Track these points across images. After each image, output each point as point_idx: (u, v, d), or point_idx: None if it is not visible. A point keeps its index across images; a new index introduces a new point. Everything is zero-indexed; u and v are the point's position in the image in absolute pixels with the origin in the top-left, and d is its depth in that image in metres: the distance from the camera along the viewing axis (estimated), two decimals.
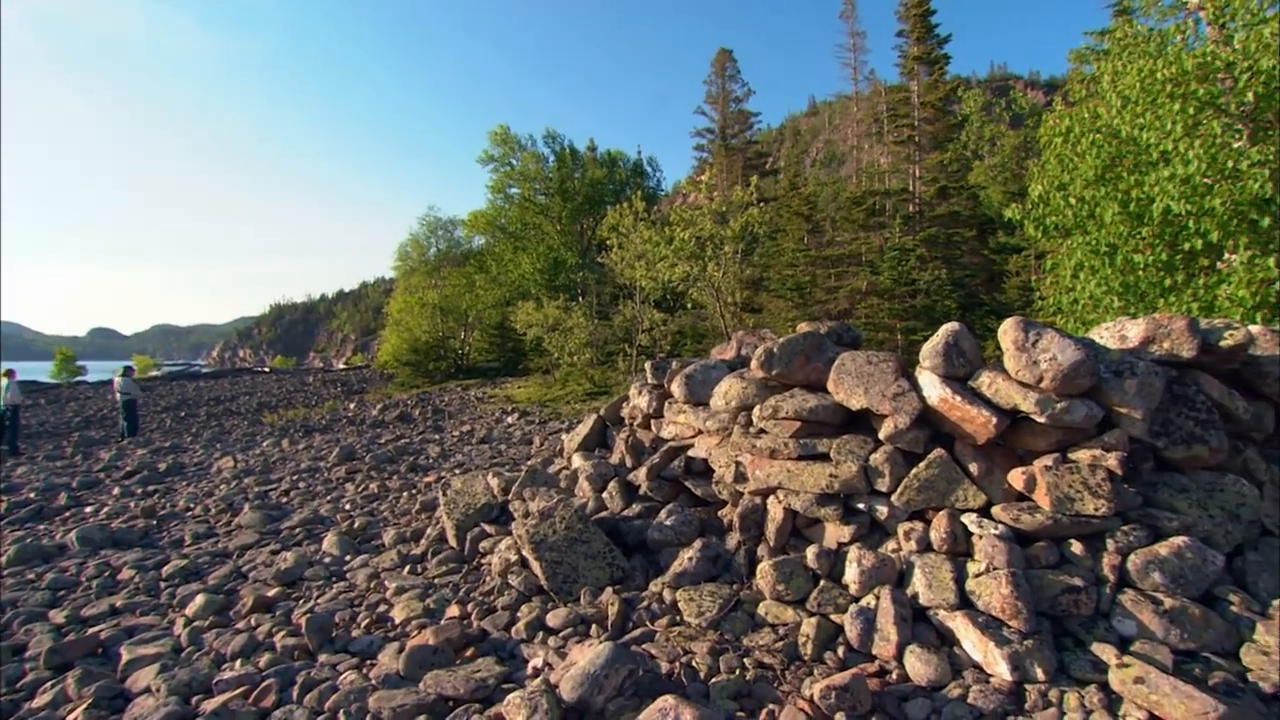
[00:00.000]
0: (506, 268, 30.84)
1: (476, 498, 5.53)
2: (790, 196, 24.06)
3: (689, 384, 5.07)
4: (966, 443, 3.64)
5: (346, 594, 4.53)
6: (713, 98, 37.34)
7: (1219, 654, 2.86)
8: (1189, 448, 3.58)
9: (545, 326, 19.92)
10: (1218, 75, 7.10)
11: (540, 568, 4.06)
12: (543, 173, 32.25)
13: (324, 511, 6.74)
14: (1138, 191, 7.70)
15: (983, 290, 18.70)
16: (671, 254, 15.10)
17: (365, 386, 29.28)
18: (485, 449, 10.10)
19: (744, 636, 3.35)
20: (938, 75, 23.08)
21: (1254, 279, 6.69)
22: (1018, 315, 3.72)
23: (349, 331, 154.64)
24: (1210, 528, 3.35)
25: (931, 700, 2.77)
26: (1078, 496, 3.29)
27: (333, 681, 3.32)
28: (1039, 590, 3.12)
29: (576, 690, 2.83)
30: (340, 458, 9.63)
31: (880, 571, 3.41)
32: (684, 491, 4.65)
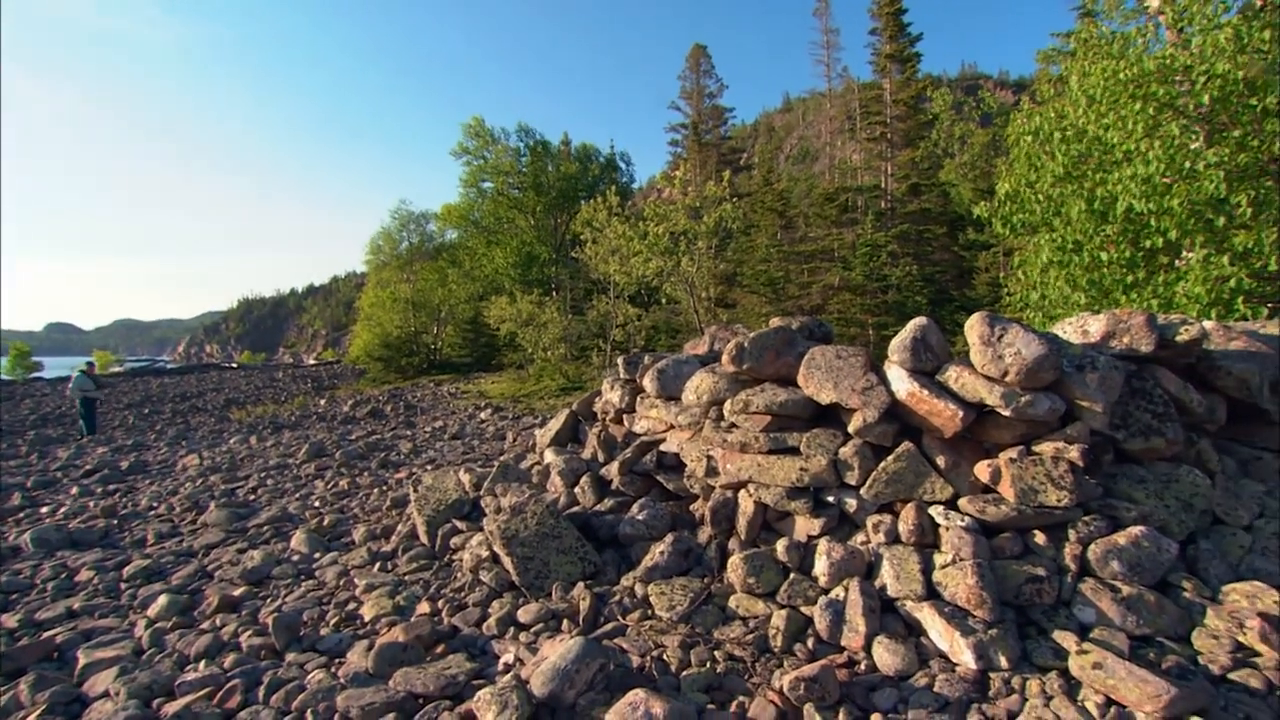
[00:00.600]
0: (480, 262, 30.61)
1: (448, 494, 5.49)
2: (764, 192, 24.18)
3: (661, 379, 5.08)
4: (934, 436, 3.69)
5: (315, 592, 4.47)
6: (687, 93, 37.41)
7: (1172, 638, 2.94)
8: (1147, 440, 3.67)
9: (519, 321, 19.80)
10: (1175, 78, 7.28)
11: (512, 563, 4.04)
12: (516, 167, 31.98)
13: (292, 509, 6.64)
14: (1102, 190, 7.87)
15: (953, 286, 18.97)
16: (645, 249, 15.09)
17: (336, 382, 28.87)
18: (458, 445, 10.02)
19: (715, 629, 3.37)
20: (910, 73, 23.33)
21: (1209, 277, 6.88)
22: (985, 310, 3.78)
23: (320, 326, 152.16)
24: (1166, 517, 3.44)
25: (899, 690, 2.81)
26: (1041, 488, 3.35)
27: (300, 681, 3.28)
28: (1003, 580, 3.17)
29: (547, 685, 2.82)
30: (310, 454, 9.49)
31: (849, 564, 3.44)
32: (656, 486, 4.66)
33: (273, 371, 39.68)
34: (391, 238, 34.01)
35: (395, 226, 33.98)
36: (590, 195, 22.83)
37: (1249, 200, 6.62)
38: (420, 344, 31.35)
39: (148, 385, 27.85)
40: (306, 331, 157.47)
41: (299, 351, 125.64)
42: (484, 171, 32.58)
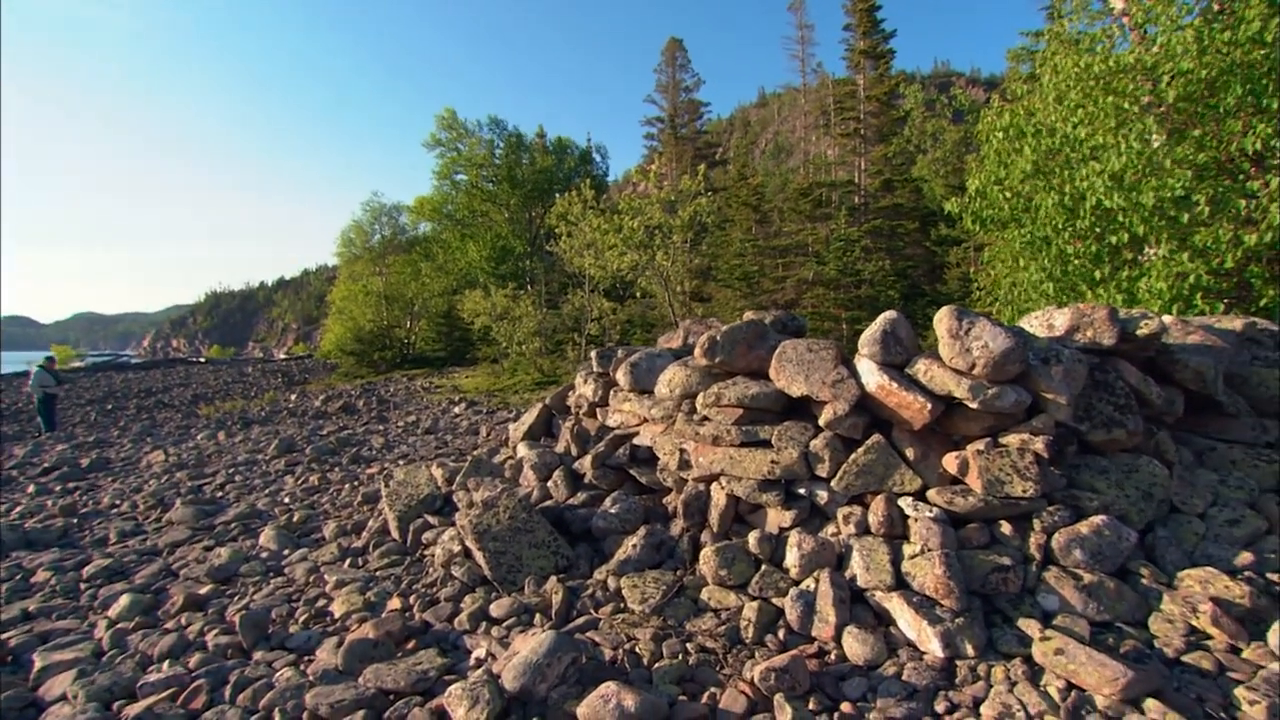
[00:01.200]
0: (453, 255, 30.33)
1: (419, 489, 5.44)
2: (739, 187, 24.25)
3: (634, 372, 5.07)
4: (903, 428, 3.74)
5: (284, 589, 4.40)
6: (663, 86, 37.34)
7: (1130, 624, 3.02)
8: (1109, 431, 3.75)
9: (493, 315, 19.64)
10: (1140, 77, 7.42)
11: (484, 558, 4.01)
12: (490, 159, 31.67)
13: (261, 505, 6.53)
14: (1070, 186, 8.00)
15: (925, 281, 19.22)
16: (620, 242, 15.06)
17: (307, 377, 28.42)
18: (430, 440, 9.93)
19: (687, 622, 3.38)
20: (883, 69, 23.55)
21: (1171, 273, 7.04)
22: (954, 305, 3.83)
23: (290, 320, 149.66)
24: (1126, 506, 3.52)
25: (868, 679, 2.84)
26: (1007, 479, 3.41)
27: (268, 679, 3.22)
28: (970, 570, 3.22)
29: (519, 679, 2.81)
30: (280, 450, 9.33)
31: (820, 555, 3.47)
32: (629, 479, 4.66)
33: (242, 366, 38.97)
34: (363, 230, 33.54)
35: (367, 219, 33.53)
36: (565, 188, 22.72)
37: (1208, 199, 6.78)
38: (393, 338, 31.00)
39: (111, 380, 27.19)
40: (277, 325, 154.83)
41: (269, 346, 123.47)
42: (457, 164, 32.20)
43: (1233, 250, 6.66)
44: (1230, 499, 3.71)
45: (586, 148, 34.49)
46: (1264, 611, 2.95)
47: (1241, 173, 7.14)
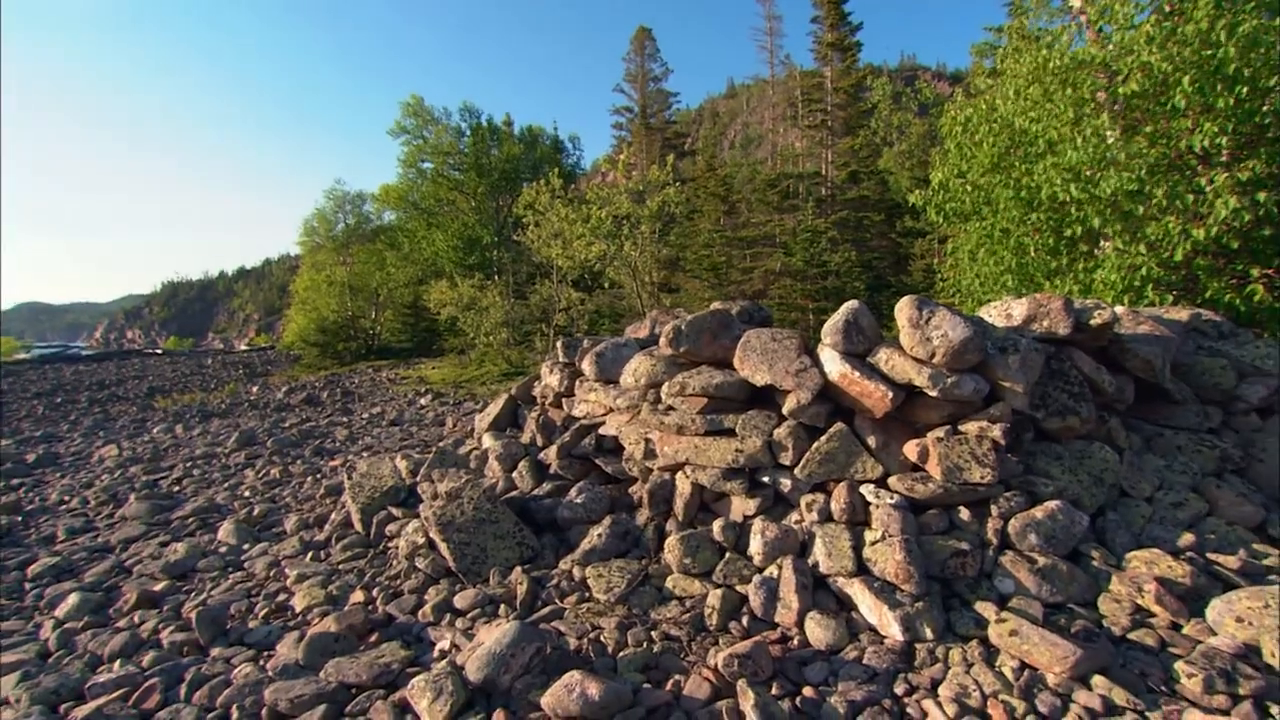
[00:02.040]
0: (419, 245, 29.84)
1: (383, 480, 5.36)
2: (707, 177, 24.26)
3: (599, 362, 5.06)
4: (865, 417, 3.79)
5: (244, 584, 4.32)
6: (632, 76, 37.13)
7: (1081, 604, 3.11)
8: (1063, 419, 3.85)
9: (460, 306, 19.39)
10: (1096, 73, 7.60)
11: (448, 549, 3.98)
12: (457, 147, 31.18)
13: (220, 499, 6.38)
14: (1028, 180, 8.18)
15: (890, 272, 19.50)
16: (588, 232, 14.97)
17: (270, 369, 27.79)
18: (396, 431, 9.80)
19: (652, 610, 3.39)
20: (850, 62, 23.71)
21: (1124, 265, 7.24)
22: (914, 294, 3.89)
23: (251, 311, 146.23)
24: (1079, 491, 3.62)
25: (830, 663, 2.88)
26: (966, 466, 3.48)
27: (225, 676, 3.17)
28: (930, 555, 3.28)
29: (483, 670, 2.80)
30: (240, 443, 9.13)
31: (783, 542, 3.51)
32: (595, 469, 4.65)
33: (201, 357, 37.89)
34: (326, 219, 32.79)
35: (330, 207, 32.78)
36: (534, 177, 22.50)
37: (1161, 193, 6.98)
38: (358, 329, 30.47)
39: (60, 373, 26.21)
40: (238, 316, 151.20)
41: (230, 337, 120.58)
42: (423, 152, 31.62)
43: (1181, 244, 6.87)
44: (1175, 483, 3.84)
45: (556, 136, 34.20)
46: (1203, 589, 3.07)
47: (1190, 169, 7.35)
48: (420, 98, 30.28)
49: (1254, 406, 4.37)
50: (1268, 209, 6.59)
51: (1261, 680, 2.48)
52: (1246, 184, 6.63)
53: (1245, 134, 6.97)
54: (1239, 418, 4.36)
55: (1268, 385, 4.38)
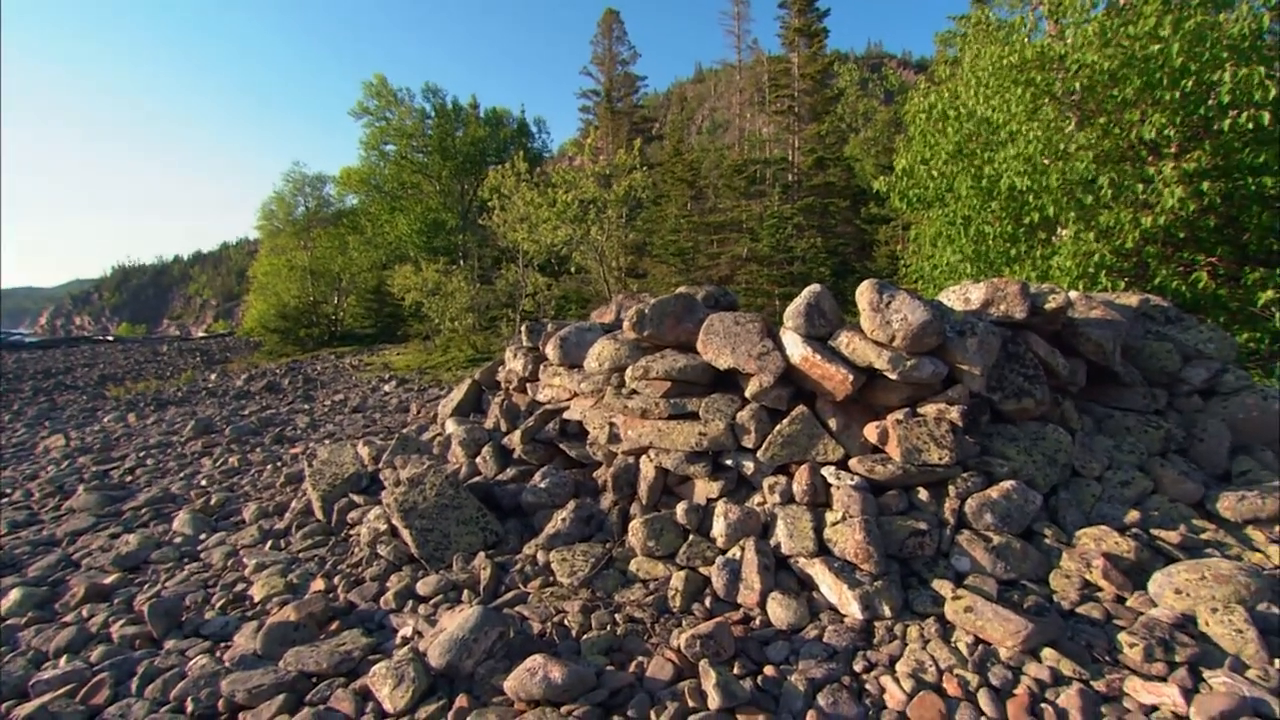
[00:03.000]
0: (382, 229, 29.27)
1: (344, 467, 5.28)
2: (674, 162, 24.20)
3: (563, 346, 5.03)
4: (826, 399, 3.83)
5: (200, 575, 4.21)
6: (599, 59, 36.75)
7: (1034, 580, 3.20)
8: (1019, 401, 3.94)
9: (424, 291, 19.10)
10: (1053, 65, 7.74)
11: (410, 536, 3.94)
12: (421, 129, 30.54)
13: (176, 489, 6.20)
14: (989, 168, 8.31)
15: (855, 258, 19.71)
16: (554, 216, 14.84)
17: (229, 355, 27.09)
18: (358, 418, 9.64)
19: (616, 593, 3.40)
20: (817, 48, 23.78)
21: (1079, 252, 7.42)
22: (874, 278, 3.93)
23: (209, 296, 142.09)
24: (1033, 472, 3.72)
25: (791, 642, 2.92)
26: (924, 447, 3.55)
27: (180, 668, 3.09)
28: (889, 535, 3.35)
29: (445, 655, 2.79)
30: (197, 431, 8.88)
31: (746, 524, 3.54)
32: (559, 454, 4.63)
33: (156, 344, 36.67)
34: (285, 202, 31.94)
35: (289, 190, 31.92)
36: (500, 161, 22.15)
37: (1110, 182, 7.16)
38: (320, 314, 29.83)
39: (1, 361, 25.22)
40: (195, 302, 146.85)
41: (186, 323, 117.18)
42: (386, 134, 30.91)
43: (1132, 231, 7.06)
44: (1123, 462, 3.96)
45: (522, 119, 33.71)
46: (1147, 563, 3.18)
47: (1140, 159, 7.56)
48: (383, 77, 29.57)
49: (1196, 389, 4.53)
50: (1211, 199, 6.81)
51: (1196, 648, 2.60)
52: (1192, 175, 6.83)
53: (1192, 126, 7.17)
54: (1182, 399, 4.52)
55: (1209, 368, 4.54)
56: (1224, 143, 6.97)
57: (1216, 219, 7.48)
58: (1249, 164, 6.89)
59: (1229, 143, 6.97)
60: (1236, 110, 6.49)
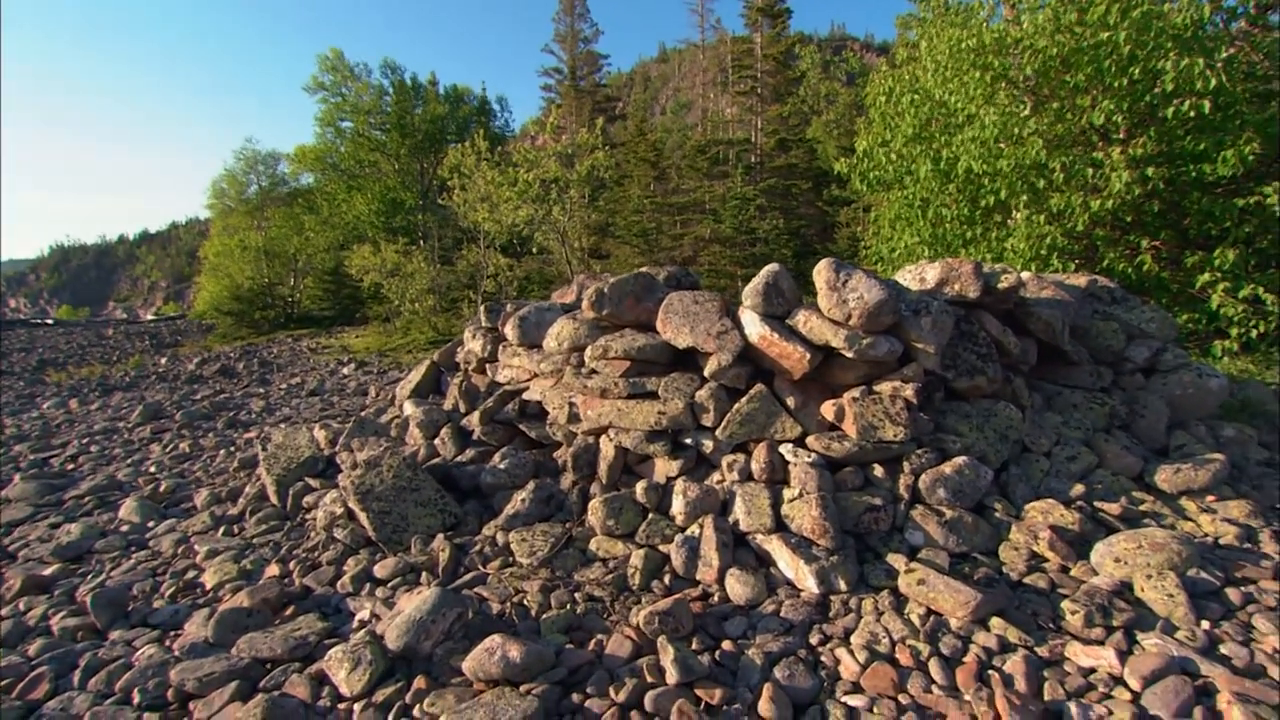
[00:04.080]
0: (339, 208, 28.53)
1: (300, 451, 5.17)
2: (637, 142, 24.00)
3: (523, 326, 4.98)
4: (784, 378, 3.87)
5: (148, 563, 4.09)
6: (561, 36, 36.12)
7: (984, 553, 3.30)
8: (972, 379, 4.03)
9: (384, 272, 18.70)
10: (1010, 50, 7.86)
11: (367, 518, 3.88)
12: (379, 106, 29.73)
13: (122, 476, 6.00)
14: (947, 151, 8.43)
15: (817, 240, 19.85)
16: (515, 196, 14.63)
17: (180, 339, 26.17)
18: (316, 402, 9.44)
19: (575, 572, 3.40)
20: (780, 28, 23.72)
21: (1032, 234, 7.60)
22: (831, 257, 3.96)
23: (158, 278, 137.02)
24: (985, 448, 3.81)
25: (748, 617, 2.96)
26: (880, 424, 3.61)
27: (126, 659, 3.00)
28: (845, 511, 3.40)
29: (403, 637, 2.77)
30: (145, 416, 8.59)
31: (705, 502, 3.57)
32: (519, 435, 4.60)
33: (100, 328, 35.16)
34: (237, 180, 30.87)
35: (241, 168, 30.84)
36: (460, 139, 21.71)
37: (1062, 167, 7.33)
38: (276, 296, 29.03)
39: None
40: (142, 283, 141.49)
41: (133, 306, 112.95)
42: (342, 110, 30.04)
43: (1082, 214, 7.25)
44: (1070, 438, 4.09)
45: (483, 97, 33.05)
46: (1090, 534, 3.30)
47: (1091, 144, 7.74)
48: (339, 51, 28.70)
49: (1139, 366, 4.69)
50: (1155, 185, 7.02)
51: (1132, 613, 2.72)
52: (1139, 160, 7.03)
53: (1139, 113, 7.37)
54: (1126, 377, 4.68)
55: (1150, 347, 4.70)
56: (1168, 130, 7.18)
57: (1160, 204, 7.72)
58: (1191, 151, 7.11)
59: (1172, 130, 7.19)
60: (1180, 98, 6.69)
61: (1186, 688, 2.31)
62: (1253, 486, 3.90)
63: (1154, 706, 2.26)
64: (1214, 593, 2.90)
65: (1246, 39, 7.58)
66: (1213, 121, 6.99)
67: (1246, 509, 3.51)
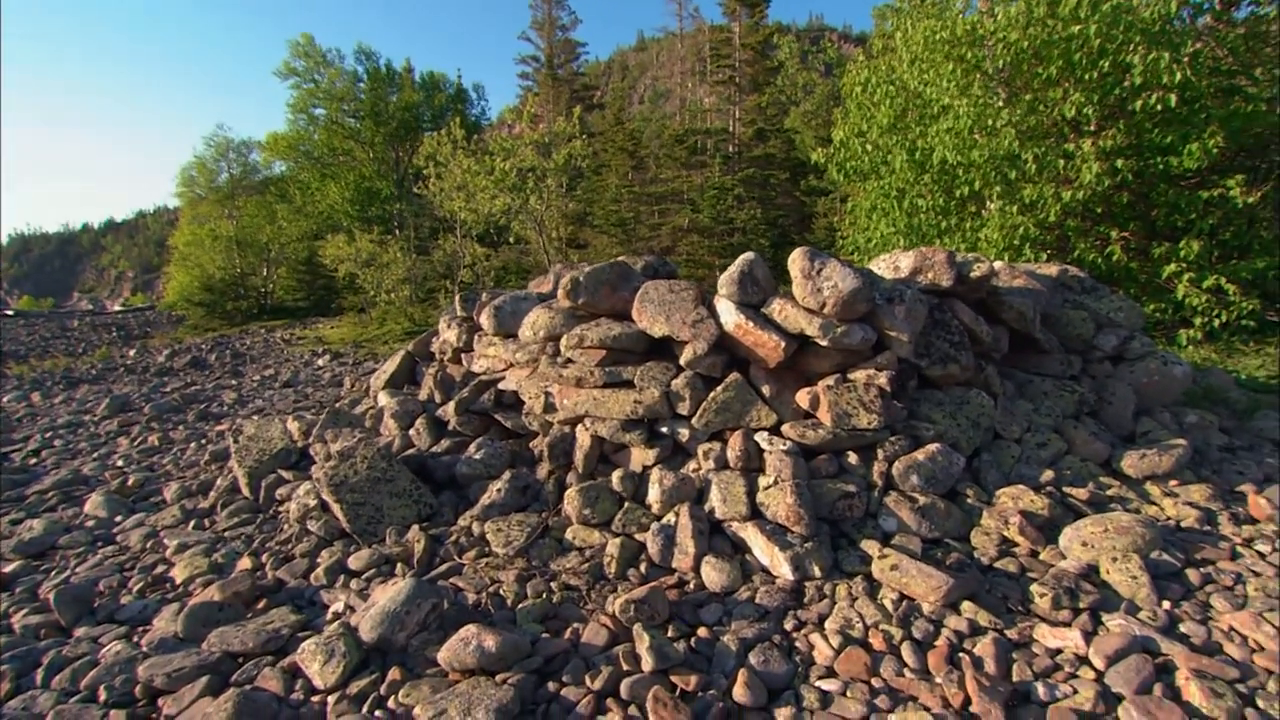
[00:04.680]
0: (313, 197, 28.02)
1: (273, 443, 5.10)
2: (615, 131, 23.89)
3: (498, 316, 4.94)
4: (760, 366, 3.88)
5: (115, 558, 4.02)
6: (538, 24, 35.80)
7: (956, 538, 3.35)
8: (945, 367, 4.07)
9: (359, 262, 18.44)
10: (983, 42, 7.93)
11: (341, 510, 3.84)
12: (353, 93, 29.18)
13: (88, 470, 5.88)
14: (922, 142, 8.50)
15: (794, 230, 19.93)
16: (492, 185, 14.50)
17: (149, 331, 25.66)
18: (289, 393, 9.32)
19: (551, 561, 3.40)
20: (758, 17, 23.70)
21: (1005, 224, 7.70)
22: (807, 246, 3.97)
23: (125, 268, 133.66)
24: (958, 435, 3.86)
25: (724, 604, 2.98)
26: (854, 412, 3.63)
27: (92, 656, 2.94)
28: (820, 498, 3.43)
29: (377, 629, 2.75)
30: (112, 409, 8.42)
31: (680, 490, 3.57)
32: (494, 425, 4.57)
33: (65, 319, 34.41)
34: (207, 168, 30.19)
35: (211, 155, 30.15)
36: (436, 127, 21.42)
37: (1034, 158, 7.43)
38: (248, 287, 28.53)
39: None
40: (109, 274, 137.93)
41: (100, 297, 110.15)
42: (315, 97, 29.46)
43: (1054, 205, 7.35)
44: (1040, 425, 4.16)
45: (459, 84, 32.61)
46: (1059, 519, 3.37)
47: (1063, 136, 7.85)
48: (310, 36, 28.09)
49: (1108, 355, 4.78)
50: (1125, 176, 7.14)
51: (1098, 594, 2.79)
52: (1109, 152, 7.14)
53: (1109, 106, 7.48)
54: (1095, 365, 4.76)
55: (1119, 335, 4.79)
56: (1137, 123, 7.30)
57: (1129, 195, 7.86)
58: (1158, 144, 7.24)
59: (1141, 123, 7.31)
60: (1148, 92, 6.79)
61: (1147, 666, 2.37)
62: (1213, 471, 3.99)
63: (1116, 684, 2.32)
64: (1175, 574, 2.98)
65: (1211, 34, 7.72)
66: (1179, 115, 7.12)
67: (1207, 492, 3.61)
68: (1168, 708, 2.18)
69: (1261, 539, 3.26)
